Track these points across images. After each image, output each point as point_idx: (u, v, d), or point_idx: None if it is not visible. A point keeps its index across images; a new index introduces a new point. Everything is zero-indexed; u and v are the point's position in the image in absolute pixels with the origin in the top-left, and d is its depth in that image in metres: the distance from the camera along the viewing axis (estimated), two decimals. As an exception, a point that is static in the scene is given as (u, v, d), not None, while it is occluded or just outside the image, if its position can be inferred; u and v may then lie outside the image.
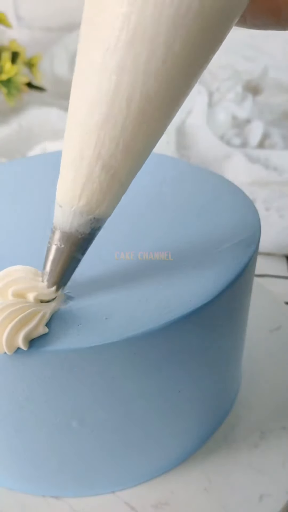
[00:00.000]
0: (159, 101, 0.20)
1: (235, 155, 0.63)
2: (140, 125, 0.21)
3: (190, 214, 0.33)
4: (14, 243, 0.30)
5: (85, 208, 0.23)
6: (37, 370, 0.24)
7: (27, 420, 0.27)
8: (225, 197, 0.34)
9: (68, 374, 0.24)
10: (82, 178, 0.22)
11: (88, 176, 0.22)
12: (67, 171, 0.23)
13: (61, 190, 0.23)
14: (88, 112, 0.21)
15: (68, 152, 0.22)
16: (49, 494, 0.31)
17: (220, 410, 0.35)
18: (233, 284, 0.27)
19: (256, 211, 0.33)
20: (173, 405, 0.29)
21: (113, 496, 0.31)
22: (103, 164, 0.21)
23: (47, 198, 0.35)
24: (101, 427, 0.27)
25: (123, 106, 0.20)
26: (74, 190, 0.22)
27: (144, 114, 0.20)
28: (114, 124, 0.20)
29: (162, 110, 0.21)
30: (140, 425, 0.29)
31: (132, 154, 0.22)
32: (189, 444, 0.33)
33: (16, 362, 0.24)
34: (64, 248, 0.24)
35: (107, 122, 0.21)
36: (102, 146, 0.21)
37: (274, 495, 0.31)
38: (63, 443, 0.28)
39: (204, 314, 0.26)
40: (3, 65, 0.69)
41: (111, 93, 0.20)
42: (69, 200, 0.23)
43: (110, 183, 0.22)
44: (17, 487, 0.32)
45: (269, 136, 0.68)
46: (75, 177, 0.22)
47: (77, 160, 0.22)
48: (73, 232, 0.24)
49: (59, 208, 0.23)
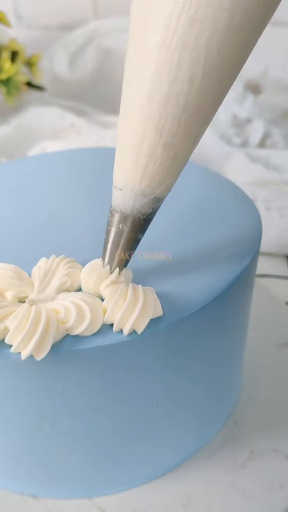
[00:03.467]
0: (219, 77, 0.21)
1: (235, 154, 0.62)
2: (201, 101, 0.21)
3: (190, 214, 0.32)
4: (13, 243, 0.30)
5: (148, 189, 0.23)
6: (6, 371, 0.24)
7: (0, 418, 0.27)
8: (225, 197, 0.34)
9: (38, 377, 0.24)
10: (144, 160, 0.22)
11: (150, 156, 0.22)
12: (126, 155, 0.23)
13: (120, 173, 0.24)
14: (149, 94, 0.21)
15: (127, 136, 0.23)
16: (26, 492, 0.31)
17: (209, 424, 0.34)
18: (234, 284, 0.27)
19: (257, 211, 0.33)
20: (155, 414, 0.28)
21: (89, 502, 0.31)
22: (165, 144, 0.22)
23: (46, 197, 0.35)
24: (74, 431, 0.27)
25: (185, 85, 0.20)
26: (135, 172, 0.23)
27: (205, 90, 0.21)
28: (176, 103, 0.21)
29: (221, 86, 0.21)
30: (118, 433, 0.28)
31: (192, 131, 0.22)
32: (172, 457, 0.32)
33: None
34: (126, 229, 0.25)
35: (169, 102, 0.21)
36: (164, 125, 0.21)
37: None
38: (36, 443, 0.28)
39: (204, 314, 0.26)
40: (3, 64, 0.69)
41: (173, 72, 0.20)
42: (130, 182, 0.23)
43: (172, 162, 0.23)
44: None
45: (270, 136, 0.67)
46: (137, 160, 0.23)
47: (138, 142, 0.22)
48: (135, 213, 0.24)
49: (119, 191, 0.24)
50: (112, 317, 0.24)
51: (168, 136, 0.22)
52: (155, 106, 0.21)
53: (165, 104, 0.21)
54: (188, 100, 0.21)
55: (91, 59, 0.81)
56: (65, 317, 0.24)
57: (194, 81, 0.20)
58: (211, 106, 0.22)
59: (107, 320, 0.24)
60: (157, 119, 0.21)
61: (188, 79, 0.20)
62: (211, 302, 0.26)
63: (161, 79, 0.21)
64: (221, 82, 0.21)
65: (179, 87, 0.20)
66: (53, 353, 0.23)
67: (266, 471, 0.32)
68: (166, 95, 0.21)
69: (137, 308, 0.23)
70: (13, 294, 0.25)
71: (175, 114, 0.21)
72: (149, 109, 0.21)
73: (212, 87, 0.21)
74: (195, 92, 0.21)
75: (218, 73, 0.20)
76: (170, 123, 0.21)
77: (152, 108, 0.21)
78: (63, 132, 0.69)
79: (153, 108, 0.21)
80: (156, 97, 0.21)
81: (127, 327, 0.23)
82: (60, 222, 0.32)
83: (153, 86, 0.21)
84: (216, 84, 0.21)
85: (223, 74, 0.21)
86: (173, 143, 0.22)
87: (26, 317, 0.23)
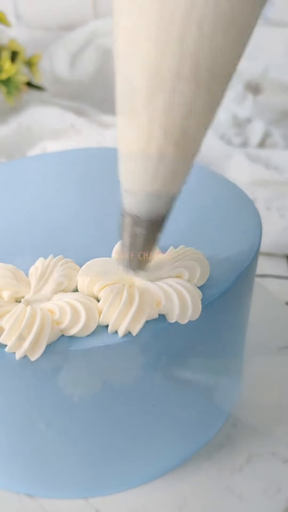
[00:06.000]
0: (225, 62, 0.20)
1: (235, 154, 0.62)
2: (207, 97, 0.20)
3: (190, 214, 0.32)
4: (12, 242, 0.30)
5: (161, 190, 0.22)
6: (1, 371, 0.24)
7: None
8: (225, 197, 0.34)
9: (32, 377, 0.24)
10: (154, 162, 0.22)
11: (161, 157, 0.21)
12: (135, 159, 0.22)
13: (129, 177, 0.23)
14: (151, 93, 0.20)
15: (134, 140, 0.22)
16: (22, 491, 0.31)
17: (207, 427, 0.34)
18: (234, 285, 0.27)
19: (257, 211, 0.32)
20: (151, 416, 0.28)
21: (85, 502, 0.31)
22: (175, 143, 0.21)
23: (46, 197, 0.35)
24: (70, 432, 0.27)
25: (191, 80, 0.20)
26: (146, 175, 0.22)
27: (210, 86, 0.20)
28: (183, 102, 0.20)
29: (224, 79, 0.20)
30: (114, 434, 0.28)
31: (200, 127, 0.21)
32: (169, 459, 0.32)
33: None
34: (143, 232, 0.24)
35: (172, 104, 0.20)
36: (172, 124, 0.21)
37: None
38: (32, 444, 0.28)
39: (203, 316, 0.25)
40: (3, 64, 0.69)
41: (178, 58, 0.19)
42: (143, 185, 0.22)
43: (182, 160, 0.22)
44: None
45: (270, 136, 0.67)
46: (147, 163, 0.22)
47: (146, 144, 0.21)
48: (150, 214, 0.23)
49: (130, 196, 0.23)
50: (108, 318, 0.24)
51: (178, 135, 0.21)
52: (160, 107, 0.20)
53: (170, 105, 0.20)
54: (195, 101, 0.20)
55: (91, 59, 0.81)
56: (60, 317, 0.23)
57: (199, 75, 0.19)
58: (216, 102, 0.21)
59: (102, 321, 0.24)
60: (164, 119, 0.21)
61: (193, 75, 0.19)
62: (211, 303, 0.25)
63: (165, 76, 0.20)
64: (225, 75, 0.20)
65: (185, 85, 0.20)
66: (47, 353, 0.23)
67: (263, 474, 0.32)
68: (168, 93, 0.20)
69: (132, 310, 0.23)
70: (9, 294, 0.25)
71: (183, 113, 0.20)
72: (155, 108, 0.20)
73: (217, 80, 0.20)
74: (200, 92, 0.20)
75: (224, 61, 0.20)
76: (178, 122, 0.21)
77: (158, 108, 0.20)
78: (63, 132, 0.69)
79: (158, 108, 0.20)
80: (159, 98, 0.20)
81: (122, 328, 0.23)
82: (60, 222, 0.32)
83: (156, 85, 0.20)
84: (219, 77, 0.20)
85: (227, 62, 0.20)
86: (182, 142, 0.21)
87: (21, 317, 0.23)
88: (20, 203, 0.34)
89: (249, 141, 0.67)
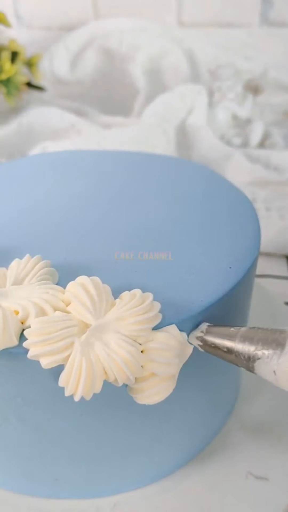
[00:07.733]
0: None
1: (235, 155, 0.62)
2: None
3: (190, 214, 0.32)
4: (13, 242, 0.30)
5: None
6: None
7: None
8: (225, 197, 0.34)
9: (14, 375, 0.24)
10: None
11: None
12: None
13: None
14: None
15: None
16: (21, 491, 0.31)
17: (207, 429, 0.33)
18: (234, 286, 0.27)
19: (256, 212, 0.33)
20: (149, 417, 0.28)
21: (85, 502, 0.31)
22: None
23: (46, 197, 0.35)
24: (67, 433, 0.27)
25: None
26: None
27: None
28: None
29: None
30: (110, 435, 0.28)
31: None
32: (168, 461, 0.32)
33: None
34: None
35: None
36: None
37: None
38: (31, 443, 0.28)
39: (204, 317, 0.25)
40: (3, 64, 0.69)
41: None
42: None
43: None
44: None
45: (270, 136, 0.67)
46: None
47: None
48: None
49: None
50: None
51: None
52: None
53: None
54: None
55: (91, 60, 0.81)
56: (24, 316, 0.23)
57: None
58: None
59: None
60: None
61: None
62: (211, 305, 0.25)
63: None
64: None
65: None
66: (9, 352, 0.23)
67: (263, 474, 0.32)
68: None
69: None
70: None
71: None
72: None
73: None
74: None
75: None
76: None
77: None
78: (64, 132, 0.69)
79: None
80: None
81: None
82: (60, 222, 0.32)
83: None
84: None
85: None
86: None
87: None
88: (20, 203, 0.34)
89: (249, 142, 0.67)
